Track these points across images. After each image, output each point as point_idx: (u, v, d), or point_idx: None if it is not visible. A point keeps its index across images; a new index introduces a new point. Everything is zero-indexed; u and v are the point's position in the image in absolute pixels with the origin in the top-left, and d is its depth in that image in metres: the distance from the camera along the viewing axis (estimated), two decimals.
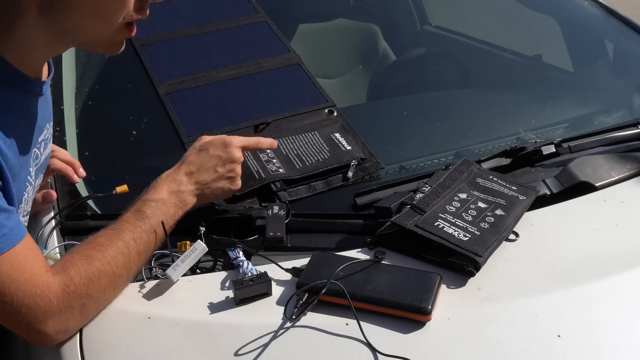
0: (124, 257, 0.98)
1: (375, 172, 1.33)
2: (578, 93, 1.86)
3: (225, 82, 1.51)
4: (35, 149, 1.01)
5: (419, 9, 2.33)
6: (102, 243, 0.97)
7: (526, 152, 1.33)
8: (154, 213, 1.04)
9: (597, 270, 1.06)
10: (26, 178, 0.98)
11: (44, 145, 1.06)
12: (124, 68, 1.69)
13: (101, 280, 0.95)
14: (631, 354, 0.92)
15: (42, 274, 0.90)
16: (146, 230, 1.02)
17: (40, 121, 1.01)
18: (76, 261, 0.94)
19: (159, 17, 1.69)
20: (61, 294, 0.91)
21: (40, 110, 1.01)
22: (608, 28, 1.94)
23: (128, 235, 1.00)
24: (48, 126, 1.07)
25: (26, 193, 0.98)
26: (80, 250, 0.97)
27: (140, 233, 1.01)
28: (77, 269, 0.93)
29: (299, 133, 1.38)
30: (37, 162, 1.03)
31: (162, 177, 1.10)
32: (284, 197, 1.23)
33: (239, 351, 0.92)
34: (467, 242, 1.06)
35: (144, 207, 1.04)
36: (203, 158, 1.13)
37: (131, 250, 0.99)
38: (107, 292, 0.97)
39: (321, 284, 0.98)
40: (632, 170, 1.31)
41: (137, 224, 1.02)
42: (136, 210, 1.04)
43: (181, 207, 1.08)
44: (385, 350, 0.91)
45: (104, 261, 0.95)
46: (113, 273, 0.96)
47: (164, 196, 1.06)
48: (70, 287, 0.91)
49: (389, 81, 2.11)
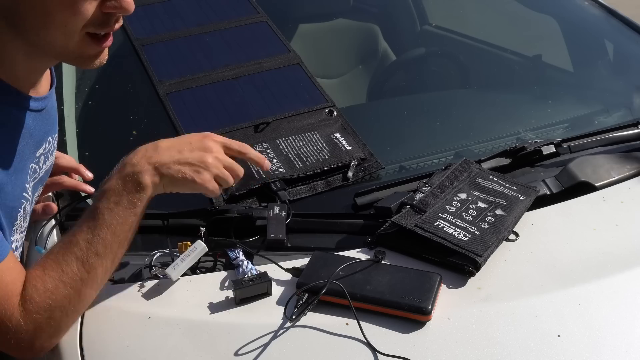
0: (81, 261, 0.91)
1: (375, 172, 1.33)
2: (578, 93, 1.86)
3: (225, 82, 1.51)
4: (33, 164, 0.99)
5: (419, 9, 2.33)
6: (58, 252, 0.92)
7: (526, 152, 1.33)
8: (106, 206, 0.94)
9: (597, 270, 1.06)
10: (21, 194, 0.95)
11: (44, 159, 1.04)
12: (124, 68, 1.69)
13: (60, 290, 0.90)
14: (631, 354, 0.92)
15: (16, 295, 0.88)
16: (101, 227, 0.93)
17: (38, 136, 0.99)
18: (34, 276, 0.90)
19: (159, 17, 1.69)
20: (25, 314, 0.88)
21: (38, 125, 0.98)
22: (608, 28, 1.94)
23: (82, 237, 0.92)
24: (50, 139, 1.05)
25: (22, 210, 0.96)
26: (39, 262, 0.93)
27: (95, 232, 0.92)
28: (34, 283, 0.90)
29: (299, 133, 1.38)
30: (35, 177, 1.01)
31: (119, 163, 0.99)
32: (284, 196, 1.23)
33: (239, 351, 0.92)
34: (467, 242, 1.06)
35: (97, 202, 0.95)
36: (171, 142, 1.01)
37: (88, 253, 0.92)
38: (72, 299, 0.91)
39: (321, 284, 0.98)
40: (632, 170, 1.31)
41: (90, 223, 0.93)
42: (91, 208, 0.95)
43: (138, 191, 0.95)
44: (385, 350, 0.91)
45: (59, 271, 0.91)
46: (72, 279, 0.91)
47: (115, 184, 0.95)
48: (30, 305, 0.88)
49: (389, 81, 2.11)
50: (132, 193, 0.95)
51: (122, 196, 0.94)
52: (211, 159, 1.00)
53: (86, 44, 0.89)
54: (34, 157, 0.99)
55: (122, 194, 0.94)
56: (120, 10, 0.87)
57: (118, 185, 0.95)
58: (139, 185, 0.95)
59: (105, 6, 0.86)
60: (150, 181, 0.96)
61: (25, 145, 0.96)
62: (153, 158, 0.97)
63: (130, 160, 0.97)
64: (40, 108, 0.98)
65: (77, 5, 0.83)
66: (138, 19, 1.67)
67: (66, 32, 0.86)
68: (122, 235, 0.94)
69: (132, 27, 1.65)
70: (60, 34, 0.86)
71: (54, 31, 0.86)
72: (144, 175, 0.95)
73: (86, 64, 0.92)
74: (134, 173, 0.95)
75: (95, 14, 0.86)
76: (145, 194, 0.96)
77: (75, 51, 0.89)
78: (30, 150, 0.97)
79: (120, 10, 0.87)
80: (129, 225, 0.95)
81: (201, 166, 0.98)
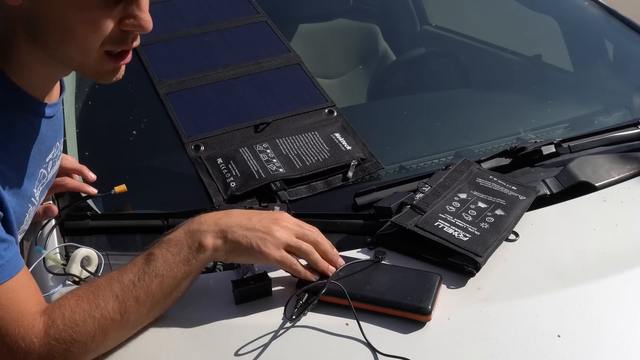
0: (118, 301, 0.89)
1: (375, 172, 1.33)
2: (578, 93, 1.86)
3: (225, 82, 1.51)
4: (42, 169, 1.00)
5: (419, 9, 2.33)
6: (99, 284, 0.90)
7: (526, 152, 1.33)
8: (162, 254, 0.92)
9: (597, 270, 1.06)
10: (29, 199, 0.96)
11: (52, 164, 1.04)
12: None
13: (87, 324, 0.87)
14: (631, 354, 0.92)
15: (31, 313, 0.86)
16: (150, 274, 0.91)
17: (48, 141, 1.00)
18: (65, 302, 0.88)
19: (159, 17, 1.69)
20: (43, 337, 0.85)
21: (49, 131, 0.99)
22: (608, 28, 1.94)
23: (128, 278, 0.90)
24: (58, 144, 1.05)
25: (27, 214, 0.96)
26: (77, 290, 0.91)
27: (143, 276, 0.90)
28: (63, 311, 0.87)
29: (299, 133, 1.38)
30: (43, 182, 1.01)
31: (191, 218, 0.98)
32: (284, 196, 1.23)
33: (239, 351, 0.92)
34: (467, 242, 1.06)
35: (155, 247, 0.94)
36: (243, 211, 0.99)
37: (127, 295, 0.89)
38: (96, 337, 0.88)
39: (321, 284, 0.98)
40: (632, 170, 1.31)
41: (142, 266, 0.91)
42: (148, 251, 0.94)
43: (197, 250, 0.93)
44: (385, 350, 0.91)
45: (93, 304, 0.88)
46: (103, 317, 0.88)
47: (178, 236, 0.94)
48: (51, 330, 0.86)
49: (389, 81, 2.11)
50: (191, 250, 0.93)
51: (181, 250, 0.93)
52: (280, 228, 0.97)
53: (104, 60, 0.90)
54: (44, 162, 1.00)
55: (181, 247, 0.93)
56: (139, 29, 0.88)
57: (180, 238, 0.94)
58: (200, 244, 0.94)
59: (124, 24, 0.87)
60: (212, 243, 0.94)
61: (37, 151, 0.96)
62: (221, 220, 0.96)
63: (199, 218, 0.97)
64: (52, 114, 0.99)
65: (98, 23, 0.84)
66: None
67: (85, 48, 0.86)
68: (167, 289, 0.92)
69: None
70: (79, 49, 0.87)
71: (74, 47, 0.87)
72: (207, 235, 0.94)
73: (104, 79, 0.93)
74: (199, 231, 0.94)
75: (114, 31, 0.86)
76: (204, 254, 0.94)
77: (93, 67, 0.90)
78: (41, 155, 0.98)
79: (139, 29, 0.88)
80: (177, 281, 0.93)
81: (265, 234, 0.96)
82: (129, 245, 1.19)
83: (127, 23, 0.87)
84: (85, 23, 0.84)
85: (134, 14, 0.86)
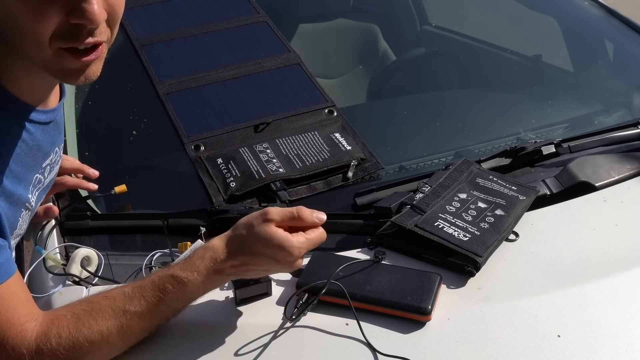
0: (123, 331, 0.88)
1: (375, 172, 1.33)
2: (578, 93, 1.86)
3: (225, 82, 1.51)
4: (38, 174, 0.99)
5: (419, 9, 2.33)
6: (102, 307, 0.88)
7: (526, 152, 1.33)
8: (175, 292, 0.90)
9: (597, 270, 1.06)
10: (23, 204, 0.95)
11: (50, 169, 1.04)
12: (124, 68, 1.69)
13: (83, 348, 0.85)
14: (631, 354, 0.92)
15: (20, 323, 0.84)
16: (156, 312, 0.90)
17: (45, 147, 0.99)
18: (64, 320, 0.86)
19: (159, 17, 1.69)
20: (34, 352, 0.84)
21: (47, 137, 0.98)
22: (608, 28, 1.94)
23: (134, 307, 0.88)
24: (57, 149, 1.05)
25: (21, 219, 0.95)
26: (77, 305, 0.89)
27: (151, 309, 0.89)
28: (60, 330, 0.85)
29: (299, 133, 1.38)
30: (39, 187, 1.01)
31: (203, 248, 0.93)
32: (284, 196, 1.23)
33: (239, 351, 0.92)
34: (467, 242, 1.06)
35: (166, 281, 0.90)
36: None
37: (133, 326, 0.88)
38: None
39: (321, 284, 0.98)
40: (632, 170, 1.31)
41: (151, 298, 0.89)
42: (157, 284, 0.90)
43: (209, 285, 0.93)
44: (385, 350, 0.91)
45: (94, 330, 0.86)
46: (104, 342, 0.87)
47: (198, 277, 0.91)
48: (45, 348, 0.84)
49: (389, 81, 2.11)
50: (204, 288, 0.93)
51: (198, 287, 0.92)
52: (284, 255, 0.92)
53: (64, 57, 0.85)
54: (40, 167, 0.99)
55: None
56: (86, 21, 0.82)
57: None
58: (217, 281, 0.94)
59: (71, 17, 0.82)
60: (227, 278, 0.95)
61: (32, 157, 0.96)
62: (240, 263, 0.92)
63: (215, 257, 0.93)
64: (48, 120, 0.98)
65: (41, 11, 0.81)
66: (138, 19, 1.67)
67: (37, 43, 0.83)
68: (171, 316, 0.93)
69: (132, 27, 1.65)
70: (32, 44, 0.83)
71: (26, 41, 0.83)
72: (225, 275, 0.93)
73: (70, 79, 0.88)
74: (219, 270, 0.92)
75: (62, 24, 0.82)
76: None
77: (55, 64, 0.85)
78: (36, 161, 0.97)
79: (86, 21, 0.82)
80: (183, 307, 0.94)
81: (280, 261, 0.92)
82: (129, 245, 1.19)
83: (73, 15, 0.82)
84: (28, 12, 0.80)
85: (77, 4, 0.81)
